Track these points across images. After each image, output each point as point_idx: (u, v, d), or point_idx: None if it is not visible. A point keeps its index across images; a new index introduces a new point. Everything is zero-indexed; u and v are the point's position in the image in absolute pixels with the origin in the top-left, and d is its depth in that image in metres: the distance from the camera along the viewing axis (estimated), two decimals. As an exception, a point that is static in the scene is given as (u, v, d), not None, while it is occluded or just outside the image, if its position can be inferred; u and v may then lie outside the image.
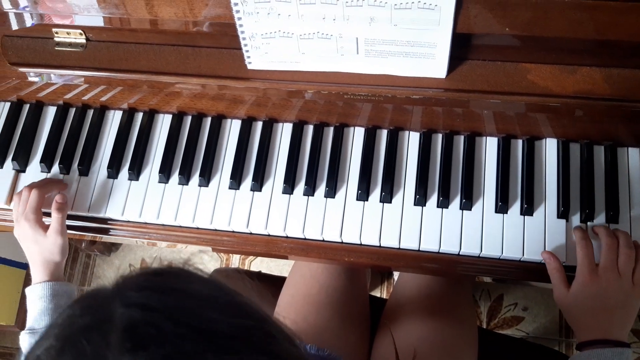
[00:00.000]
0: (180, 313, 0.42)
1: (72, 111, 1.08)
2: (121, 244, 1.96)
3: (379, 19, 0.78)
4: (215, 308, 0.44)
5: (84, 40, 0.94)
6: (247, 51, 0.86)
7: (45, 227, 0.98)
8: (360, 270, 1.14)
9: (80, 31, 0.92)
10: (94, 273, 1.98)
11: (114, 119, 1.07)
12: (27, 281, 1.95)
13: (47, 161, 1.05)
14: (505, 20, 0.77)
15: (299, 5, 0.77)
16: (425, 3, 0.74)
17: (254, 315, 0.47)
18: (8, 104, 1.09)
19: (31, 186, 0.99)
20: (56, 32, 0.94)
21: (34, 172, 1.06)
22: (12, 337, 2.02)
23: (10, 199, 1.05)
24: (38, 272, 0.97)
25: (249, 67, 0.89)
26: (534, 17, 0.77)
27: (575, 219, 0.94)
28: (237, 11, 0.79)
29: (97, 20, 0.91)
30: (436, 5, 0.74)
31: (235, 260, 2.00)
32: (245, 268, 1.96)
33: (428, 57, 0.82)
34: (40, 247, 0.97)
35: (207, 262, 1.99)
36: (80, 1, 0.88)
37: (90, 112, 1.08)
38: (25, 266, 1.97)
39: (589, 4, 0.74)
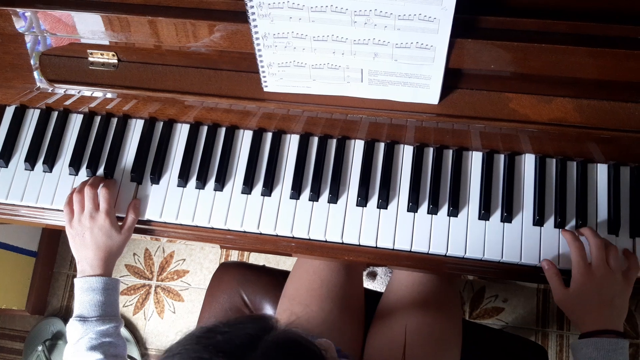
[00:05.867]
0: None
1: (97, 119, 1.15)
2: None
3: (382, 55, 0.87)
4: None
5: (116, 61, 1.02)
6: (264, 76, 0.95)
7: (118, 225, 1.04)
8: (357, 266, 1.22)
9: (113, 52, 1.00)
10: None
11: (135, 126, 1.15)
12: (37, 267, 2.03)
13: (75, 165, 1.13)
14: (491, 59, 0.87)
15: (313, 41, 0.87)
16: (422, 44, 0.84)
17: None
18: (38, 111, 1.17)
19: (95, 185, 1.04)
20: (90, 53, 1.01)
21: (64, 175, 1.13)
22: (21, 321, 2.08)
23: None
24: (95, 266, 1.01)
25: (265, 89, 0.98)
26: (515, 58, 0.87)
27: (549, 226, 1.03)
28: (258, 44, 0.88)
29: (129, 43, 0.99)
30: (432, 46, 0.85)
31: (234, 252, 2.09)
32: (244, 260, 2.05)
33: (423, 87, 0.92)
34: (112, 242, 1.02)
35: (207, 252, 2.09)
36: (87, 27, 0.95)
37: (114, 120, 1.15)
38: (34, 254, 2.03)
39: (560, 48, 0.84)
